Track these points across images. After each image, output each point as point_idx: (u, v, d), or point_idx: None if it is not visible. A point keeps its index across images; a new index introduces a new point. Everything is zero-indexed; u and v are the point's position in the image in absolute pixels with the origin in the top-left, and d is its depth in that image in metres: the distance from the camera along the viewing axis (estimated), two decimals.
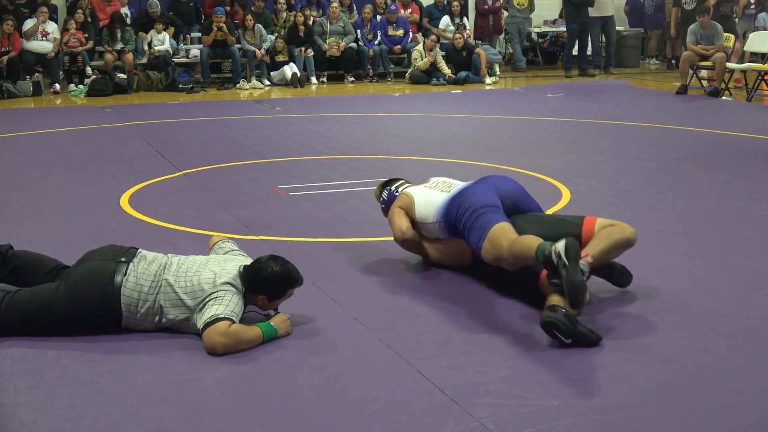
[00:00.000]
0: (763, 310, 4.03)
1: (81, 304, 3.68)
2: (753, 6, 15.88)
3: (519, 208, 4.30)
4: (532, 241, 3.76)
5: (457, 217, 4.25)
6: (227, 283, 3.70)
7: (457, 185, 4.50)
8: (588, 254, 3.84)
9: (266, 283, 3.73)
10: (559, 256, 3.57)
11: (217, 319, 3.55)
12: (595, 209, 5.94)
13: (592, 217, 4.19)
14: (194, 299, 3.67)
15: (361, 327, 3.82)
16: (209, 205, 6.10)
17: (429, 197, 4.53)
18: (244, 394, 3.18)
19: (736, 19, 15.18)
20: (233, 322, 3.58)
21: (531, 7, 16.80)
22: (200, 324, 3.60)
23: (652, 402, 3.11)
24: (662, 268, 4.57)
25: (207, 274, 3.73)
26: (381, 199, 4.90)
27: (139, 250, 3.89)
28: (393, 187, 4.87)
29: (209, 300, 3.64)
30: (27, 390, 3.23)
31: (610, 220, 4.16)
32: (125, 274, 3.72)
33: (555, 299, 3.67)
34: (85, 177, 7.07)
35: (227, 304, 3.62)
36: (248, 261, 3.90)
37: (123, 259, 3.79)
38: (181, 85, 13.63)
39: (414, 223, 4.58)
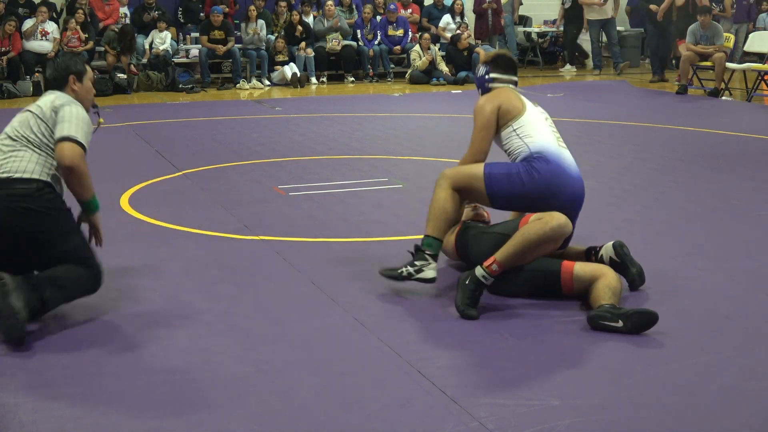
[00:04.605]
0: (763, 310, 4.03)
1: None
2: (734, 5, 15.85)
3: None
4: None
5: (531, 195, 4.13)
6: (59, 105, 3.91)
7: (563, 146, 4.28)
8: (494, 260, 3.91)
9: (63, 63, 4.09)
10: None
11: (77, 141, 3.82)
12: (595, 209, 5.94)
13: (526, 218, 4.10)
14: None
15: (361, 327, 3.82)
16: (209, 205, 6.09)
17: (540, 125, 4.24)
18: (244, 394, 3.18)
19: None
20: (85, 151, 3.86)
21: (514, 5, 16.89)
22: (57, 134, 3.82)
23: (652, 402, 3.11)
24: (662, 269, 4.56)
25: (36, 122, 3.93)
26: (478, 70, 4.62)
27: None
28: (492, 75, 4.50)
29: (58, 122, 3.86)
30: (27, 390, 3.23)
31: (540, 214, 4.03)
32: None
33: (599, 301, 3.80)
34: None
35: (76, 123, 3.86)
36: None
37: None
38: (181, 85, 13.62)
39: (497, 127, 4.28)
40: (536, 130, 4.23)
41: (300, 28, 14.55)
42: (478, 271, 3.93)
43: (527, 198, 4.15)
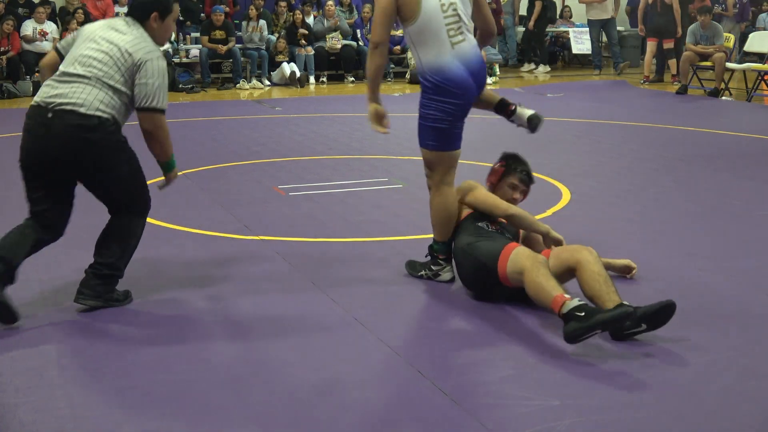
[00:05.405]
0: (763, 310, 4.03)
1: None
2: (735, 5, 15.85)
3: None
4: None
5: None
6: (140, 58, 3.90)
7: (457, 40, 4.31)
8: (560, 295, 3.57)
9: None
10: None
11: (162, 110, 4.06)
12: (595, 209, 5.95)
13: (508, 250, 3.93)
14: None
15: (361, 327, 3.82)
16: (209, 205, 6.10)
17: (435, 28, 4.24)
18: (244, 394, 3.18)
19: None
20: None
21: (514, 6, 16.90)
22: (147, 101, 4.03)
23: (652, 402, 3.11)
24: (662, 268, 4.57)
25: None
26: None
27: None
28: None
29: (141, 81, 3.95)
30: (27, 390, 3.23)
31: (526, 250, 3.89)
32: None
33: (605, 304, 3.59)
34: None
35: (159, 87, 3.97)
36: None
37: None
38: (181, 85, 13.62)
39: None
40: (429, 36, 4.25)
41: (304, 31, 14.52)
42: (565, 309, 3.52)
43: (455, 116, 4.39)
